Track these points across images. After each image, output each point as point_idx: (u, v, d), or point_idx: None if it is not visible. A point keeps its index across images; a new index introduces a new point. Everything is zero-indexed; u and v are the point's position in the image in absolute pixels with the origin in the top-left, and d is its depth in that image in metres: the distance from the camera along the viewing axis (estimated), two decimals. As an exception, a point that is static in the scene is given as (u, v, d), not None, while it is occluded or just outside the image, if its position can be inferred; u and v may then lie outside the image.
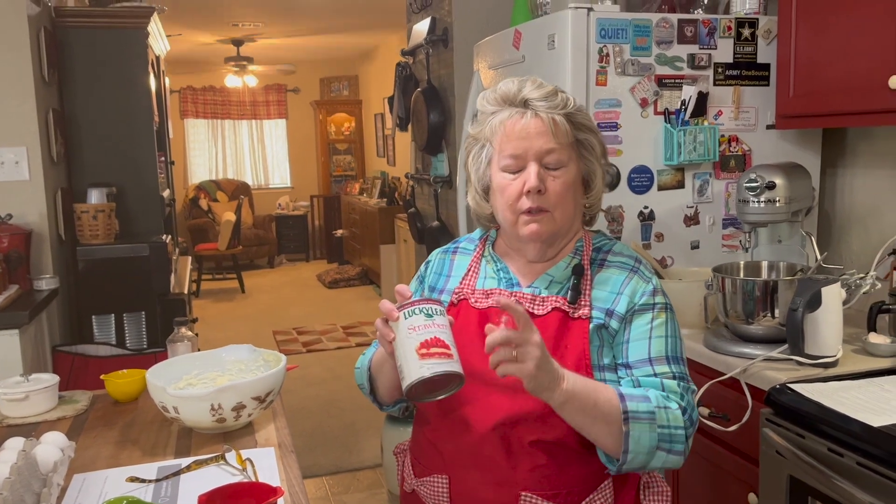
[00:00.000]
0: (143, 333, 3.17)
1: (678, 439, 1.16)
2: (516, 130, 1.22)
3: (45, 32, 2.96)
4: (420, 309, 1.11)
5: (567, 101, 1.23)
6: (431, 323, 1.10)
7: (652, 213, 2.11)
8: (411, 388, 1.08)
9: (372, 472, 3.49)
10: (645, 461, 1.15)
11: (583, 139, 1.25)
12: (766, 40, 2.12)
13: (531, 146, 1.21)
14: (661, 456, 1.15)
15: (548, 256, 1.30)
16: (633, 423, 1.12)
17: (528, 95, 1.22)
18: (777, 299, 1.72)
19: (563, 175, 1.23)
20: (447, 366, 1.07)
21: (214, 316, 6.72)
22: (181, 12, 6.04)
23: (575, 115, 1.24)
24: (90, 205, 3.12)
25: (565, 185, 1.23)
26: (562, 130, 1.21)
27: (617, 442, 1.13)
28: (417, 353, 1.07)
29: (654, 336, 1.22)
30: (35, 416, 1.59)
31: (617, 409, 1.13)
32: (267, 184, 10.23)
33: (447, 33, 3.32)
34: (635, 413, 1.13)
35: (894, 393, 1.49)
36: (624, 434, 1.12)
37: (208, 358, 1.63)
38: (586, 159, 1.27)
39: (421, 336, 1.09)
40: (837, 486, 1.35)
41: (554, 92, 1.23)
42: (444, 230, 3.44)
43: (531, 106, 1.22)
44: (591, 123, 1.27)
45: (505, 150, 1.23)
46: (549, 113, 1.21)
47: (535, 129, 1.21)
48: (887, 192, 2.12)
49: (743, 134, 2.15)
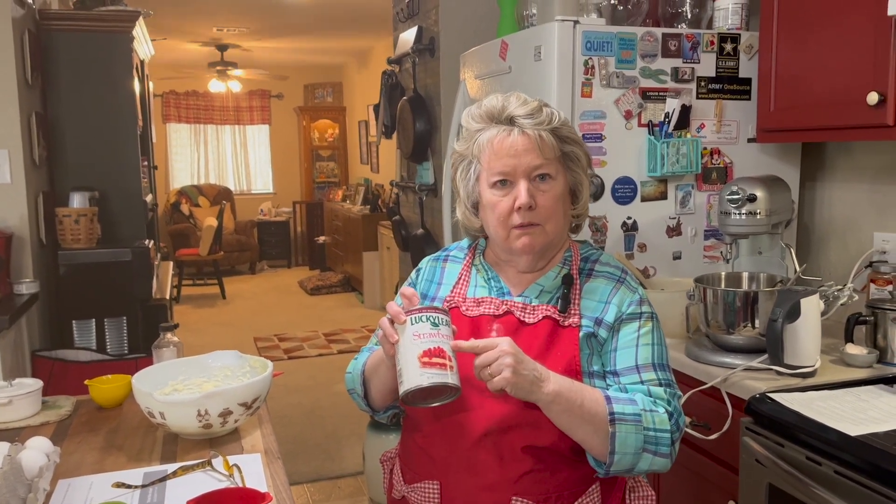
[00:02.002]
0: (125, 339, 3.14)
1: (664, 442, 1.18)
2: (504, 148, 1.23)
3: (29, 35, 2.95)
4: (427, 317, 1.13)
5: (552, 115, 1.25)
6: (437, 332, 1.12)
7: (635, 224, 2.14)
8: (408, 394, 1.10)
9: (354, 480, 3.48)
10: (632, 463, 1.17)
11: (569, 152, 1.28)
12: (748, 55, 2.16)
13: (520, 163, 1.23)
14: (648, 458, 1.18)
15: (538, 267, 1.32)
16: (620, 425, 1.15)
17: (513, 112, 1.24)
18: (757, 310, 1.75)
19: (552, 189, 1.25)
20: (446, 377, 1.09)
21: (195, 322, 6.67)
22: (166, 17, 6.02)
23: (560, 130, 1.26)
24: (72, 209, 3.10)
25: (555, 199, 1.25)
26: (548, 146, 1.24)
27: (603, 443, 1.16)
28: (419, 361, 1.09)
29: (641, 344, 1.25)
30: (18, 422, 1.57)
31: (603, 410, 1.16)
32: (249, 189, 10.19)
33: (434, 42, 3.34)
34: (621, 415, 1.16)
35: (871, 403, 1.52)
36: (610, 435, 1.15)
37: (194, 364, 1.63)
38: (573, 171, 1.29)
39: (424, 344, 1.10)
40: (816, 494, 1.37)
41: (539, 108, 1.25)
42: (429, 238, 3.45)
43: (517, 123, 1.24)
44: (575, 136, 1.30)
45: (494, 168, 1.25)
46: (535, 129, 1.23)
47: (523, 146, 1.23)
48: (865, 206, 2.16)
49: (725, 147, 2.19)
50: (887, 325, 1.76)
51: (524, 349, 1.24)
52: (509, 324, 1.27)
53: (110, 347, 3.11)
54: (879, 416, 1.45)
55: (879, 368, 1.74)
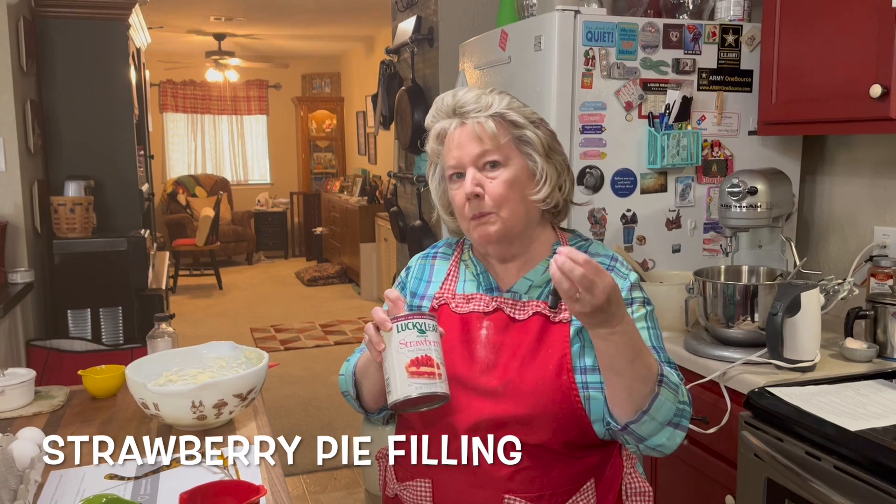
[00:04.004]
0: (120, 329, 3.13)
1: (687, 416, 1.18)
2: (452, 141, 1.24)
3: (25, 22, 2.92)
4: (413, 324, 1.10)
5: (492, 102, 1.24)
6: (424, 340, 1.10)
7: (635, 216, 2.13)
8: (396, 404, 1.09)
9: (349, 472, 3.48)
10: (651, 432, 1.15)
11: (519, 135, 1.25)
12: (750, 47, 2.15)
13: (464, 153, 1.23)
14: (668, 432, 1.15)
15: (512, 254, 1.29)
16: (664, 389, 1.13)
17: (457, 104, 1.24)
18: (757, 303, 1.73)
19: (501, 175, 1.23)
20: (435, 386, 1.08)
21: (191, 312, 6.65)
22: (163, 4, 5.98)
23: (507, 115, 1.24)
24: (67, 198, 3.08)
25: (505, 184, 1.22)
26: (489, 132, 1.22)
27: (638, 399, 1.12)
28: (407, 370, 1.08)
29: (639, 327, 1.23)
30: (10, 412, 1.56)
31: (656, 366, 1.13)
32: (246, 180, 10.15)
33: (433, 32, 3.31)
34: (667, 380, 1.14)
35: (870, 398, 1.51)
36: (653, 395, 1.12)
37: (189, 354, 1.62)
38: (526, 154, 1.26)
39: (412, 353, 1.08)
40: (814, 488, 1.36)
41: (480, 95, 1.24)
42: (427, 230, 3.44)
43: (459, 114, 1.24)
44: (524, 119, 1.25)
45: (447, 162, 1.26)
46: (475, 117, 1.23)
47: (466, 136, 1.23)
48: (865, 200, 2.15)
49: (725, 139, 2.18)
50: (887, 320, 1.75)
51: (515, 346, 1.23)
52: (499, 321, 1.26)
53: (105, 337, 3.09)
54: (879, 410, 1.44)
55: (879, 363, 1.73)
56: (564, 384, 1.20)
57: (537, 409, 1.19)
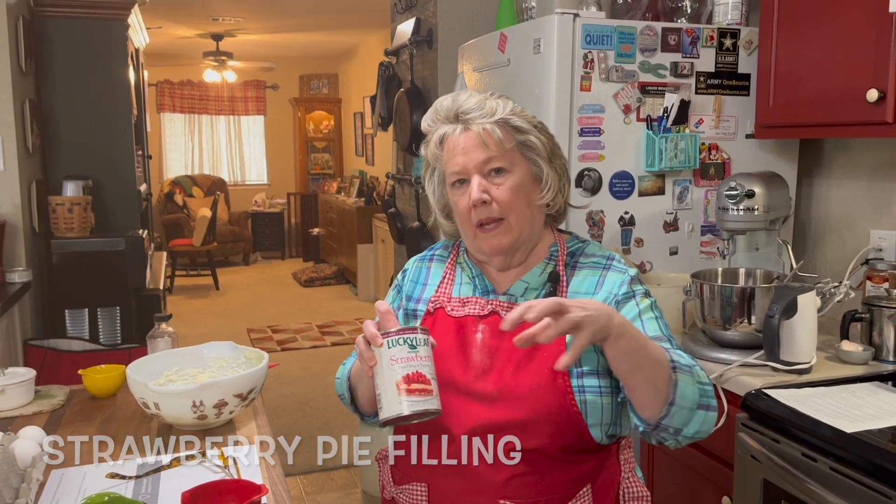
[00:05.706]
0: (118, 328, 3.14)
1: (711, 394, 1.16)
2: (456, 147, 1.23)
3: (24, 21, 2.92)
4: (404, 339, 1.08)
5: (496, 107, 1.23)
6: (414, 355, 1.07)
7: (632, 219, 2.14)
8: (388, 420, 1.07)
9: (346, 472, 3.48)
10: (684, 421, 1.13)
11: (524, 140, 1.25)
12: (748, 51, 2.16)
13: (469, 160, 1.22)
14: (701, 416, 1.14)
15: (515, 263, 1.29)
16: (680, 374, 1.11)
17: (459, 109, 1.23)
18: (754, 306, 1.75)
19: (507, 180, 1.23)
20: (427, 403, 1.06)
21: (188, 312, 6.65)
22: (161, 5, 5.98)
23: (510, 120, 1.24)
24: (66, 197, 3.08)
25: (511, 190, 1.23)
26: (495, 138, 1.22)
27: (661, 393, 1.11)
28: (398, 388, 1.05)
29: (646, 318, 1.23)
30: (10, 411, 1.56)
31: (665, 356, 1.12)
32: (243, 180, 10.14)
33: (432, 34, 3.32)
34: (679, 364, 1.12)
35: (867, 400, 1.52)
36: (672, 383, 1.10)
37: (189, 354, 1.62)
38: (531, 159, 1.26)
39: (403, 369, 1.06)
40: (811, 490, 1.37)
41: (484, 100, 1.24)
42: (425, 231, 3.45)
43: (462, 119, 1.23)
44: (528, 125, 1.25)
45: (450, 168, 1.25)
46: (480, 123, 1.22)
47: (471, 142, 1.22)
48: (861, 203, 2.16)
49: (723, 142, 2.19)
50: (883, 323, 1.76)
51: (510, 350, 1.20)
52: (495, 324, 1.24)
53: (103, 337, 3.09)
54: (875, 413, 1.45)
55: (875, 365, 1.74)
56: (560, 388, 1.19)
57: (534, 413, 1.18)
